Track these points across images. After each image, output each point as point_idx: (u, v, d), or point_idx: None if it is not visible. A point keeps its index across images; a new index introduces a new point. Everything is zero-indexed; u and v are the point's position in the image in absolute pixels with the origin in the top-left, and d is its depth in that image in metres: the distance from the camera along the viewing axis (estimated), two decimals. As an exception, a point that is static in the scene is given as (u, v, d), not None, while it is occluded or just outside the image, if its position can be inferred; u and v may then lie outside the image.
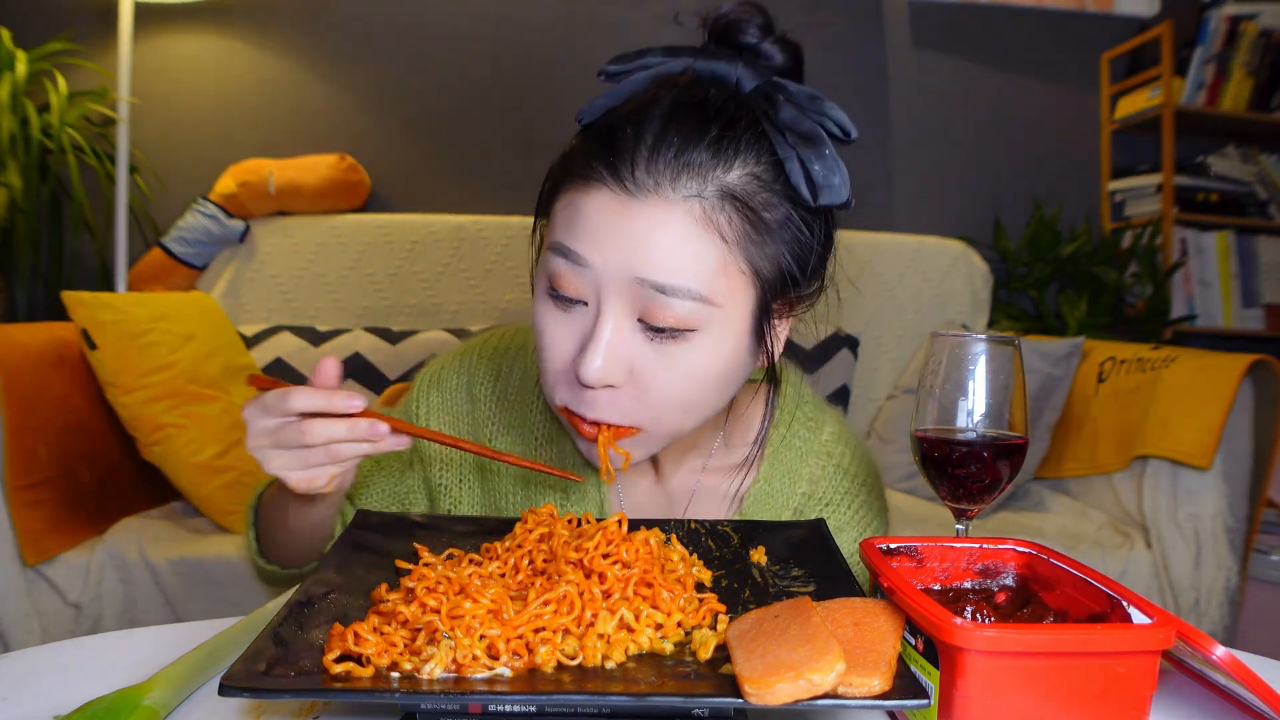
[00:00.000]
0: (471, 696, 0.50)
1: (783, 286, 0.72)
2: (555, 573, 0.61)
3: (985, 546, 0.66)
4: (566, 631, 0.56)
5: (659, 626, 0.58)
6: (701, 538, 0.75)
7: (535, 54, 2.60)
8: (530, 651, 0.54)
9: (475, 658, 0.53)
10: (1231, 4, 2.64)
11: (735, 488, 0.87)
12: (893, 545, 0.66)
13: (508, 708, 0.51)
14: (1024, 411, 0.69)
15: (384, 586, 0.60)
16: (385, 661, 0.52)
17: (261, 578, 0.94)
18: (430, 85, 2.60)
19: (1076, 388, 2.14)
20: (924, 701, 0.49)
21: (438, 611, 0.55)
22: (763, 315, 0.72)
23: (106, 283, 2.34)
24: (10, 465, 1.55)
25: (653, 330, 0.68)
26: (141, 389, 1.70)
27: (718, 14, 0.72)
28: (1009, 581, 0.66)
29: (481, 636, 0.54)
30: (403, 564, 0.64)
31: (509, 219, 2.43)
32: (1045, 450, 2.15)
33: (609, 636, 0.56)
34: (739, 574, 0.69)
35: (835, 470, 0.88)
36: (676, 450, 0.86)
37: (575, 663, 0.54)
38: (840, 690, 0.48)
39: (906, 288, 2.50)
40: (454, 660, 0.52)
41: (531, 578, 0.62)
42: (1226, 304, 2.73)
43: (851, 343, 2.33)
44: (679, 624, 0.59)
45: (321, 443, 0.66)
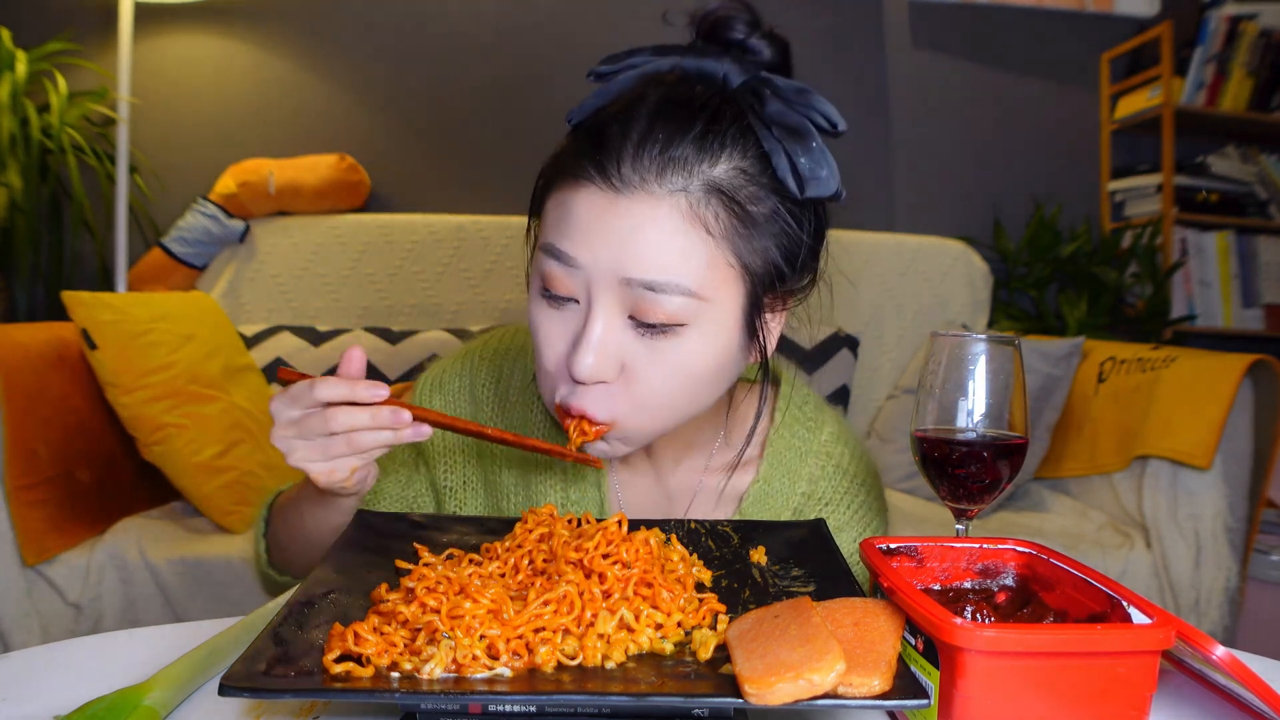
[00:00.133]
0: (471, 696, 0.50)
1: (772, 280, 0.72)
2: (555, 573, 0.61)
3: (985, 546, 0.66)
4: (566, 631, 0.56)
5: (659, 626, 0.58)
6: (701, 538, 0.75)
7: (535, 54, 2.60)
8: (530, 651, 0.54)
9: (475, 658, 0.53)
10: (1231, 4, 2.64)
11: (735, 487, 0.87)
12: (893, 545, 0.66)
13: (508, 708, 0.51)
14: (1024, 411, 0.69)
15: (384, 586, 0.60)
16: (385, 661, 0.52)
17: (268, 587, 0.94)
18: (430, 85, 2.60)
19: (1076, 388, 2.14)
20: (924, 701, 0.49)
21: (438, 611, 0.55)
22: (753, 310, 0.72)
23: (106, 283, 2.34)
24: (10, 465, 1.55)
25: (643, 326, 0.68)
26: (141, 389, 1.70)
27: (705, 12, 0.72)
28: (1009, 581, 0.66)
29: (481, 636, 0.54)
30: (403, 564, 0.64)
31: (509, 219, 2.43)
32: (1045, 450, 2.15)
33: (609, 636, 0.56)
34: (739, 574, 0.69)
35: (835, 470, 0.88)
36: (677, 450, 0.86)
37: (575, 663, 0.54)
38: (840, 690, 0.48)
39: (906, 288, 2.50)
40: (454, 660, 0.52)
41: (531, 578, 0.62)
42: (1226, 304, 2.73)
43: (851, 343, 2.33)
44: (679, 624, 0.59)
45: (343, 431, 0.67)
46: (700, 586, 0.66)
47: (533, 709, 0.51)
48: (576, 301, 0.70)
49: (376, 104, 2.58)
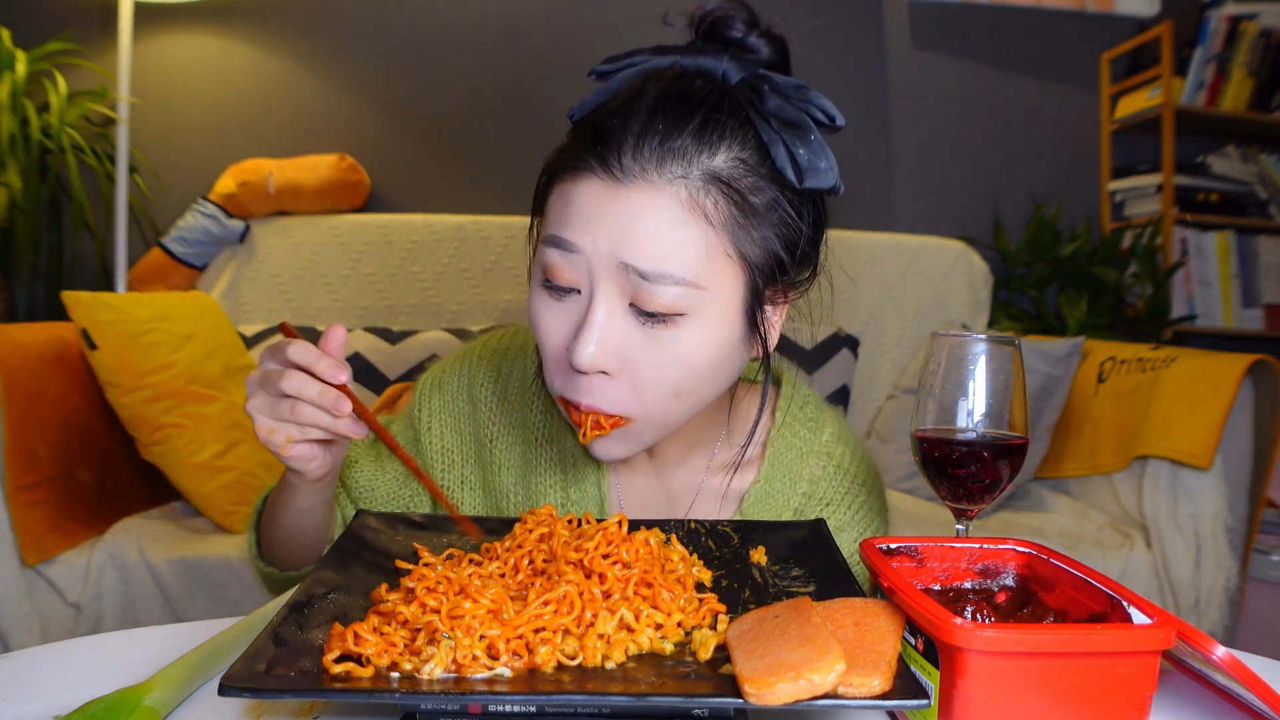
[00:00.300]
0: (471, 696, 0.50)
1: (773, 272, 0.72)
2: (555, 573, 0.61)
3: (985, 546, 0.66)
4: (566, 631, 0.56)
5: (659, 626, 0.58)
6: (701, 538, 0.75)
7: (535, 54, 2.60)
8: (530, 651, 0.54)
9: (475, 658, 0.53)
10: (1231, 4, 2.64)
11: (736, 488, 0.87)
12: (893, 545, 0.66)
13: (508, 708, 0.51)
14: (1024, 411, 0.69)
15: (384, 586, 0.60)
16: (385, 661, 0.52)
17: (261, 580, 0.94)
18: (430, 85, 2.60)
19: (1076, 388, 2.14)
20: (924, 701, 0.49)
21: (438, 611, 0.55)
22: (754, 302, 0.72)
23: (106, 283, 2.34)
24: (10, 465, 1.55)
25: (644, 315, 0.69)
26: (141, 389, 1.70)
27: (704, 11, 0.73)
28: (1009, 581, 0.66)
29: (481, 636, 0.54)
30: (403, 564, 0.64)
31: (509, 219, 2.43)
32: (1045, 450, 2.15)
33: (609, 636, 0.56)
34: (739, 574, 0.69)
35: (835, 470, 0.88)
36: (678, 449, 0.86)
37: (575, 663, 0.54)
38: (840, 690, 0.48)
39: (906, 288, 2.50)
40: (454, 660, 0.52)
41: (531, 578, 0.62)
42: (1226, 304, 2.73)
43: (851, 343, 2.33)
44: (679, 624, 0.59)
45: (291, 395, 0.68)
46: (700, 586, 0.66)
47: (533, 709, 0.51)
48: (578, 292, 0.70)
49: (376, 104, 2.58)
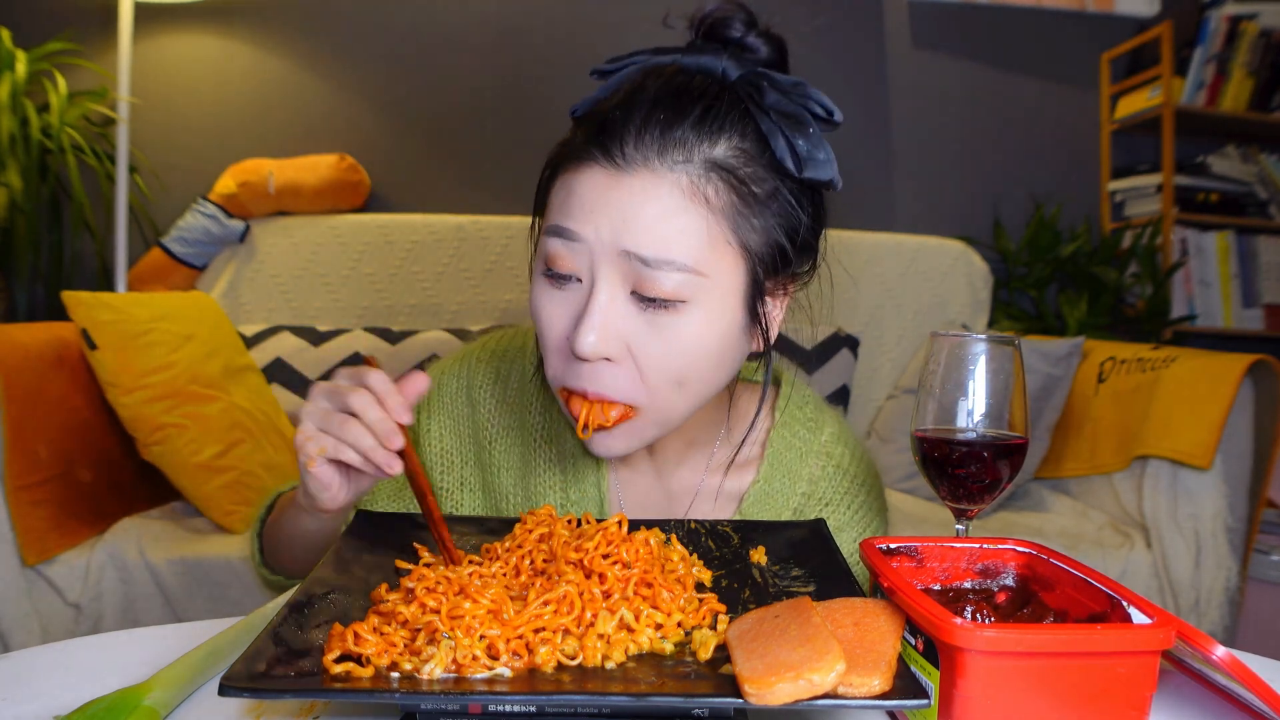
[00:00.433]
0: (471, 696, 0.50)
1: (773, 261, 0.73)
2: (555, 573, 0.61)
3: (985, 546, 0.66)
4: (566, 631, 0.56)
5: (659, 626, 0.58)
6: (701, 538, 0.75)
7: (535, 54, 2.60)
8: (530, 651, 0.54)
9: (475, 658, 0.53)
10: (1231, 4, 2.64)
11: (735, 487, 0.87)
12: (893, 545, 0.66)
13: (508, 708, 0.51)
14: (1024, 411, 0.69)
15: (384, 586, 0.60)
16: (385, 661, 0.52)
17: (263, 583, 0.94)
18: (430, 85, 2.60)
19: (1076, 388, 2.14)
20: (924, 701, 0.49)
21: (438, 612, 0.55)
22: (755, 291, 0.73)
23: (106, 283, 2.34)
24: (10, 465, 1.55)
25: (645, 301, 0.69)
26: (141, 389, 1.70)
27: (703, 12, 0.74)
28: (1009, 581, 0.66)
29: (481, 637, 0.54)
30: (403, 564, 0.64)
31: (509, 219, 2.43)
32: (1045, 450, 2.15)
33: (609, 636, 0.56)
34: (739, 574, 0.69)
35: (835, 470, 0.88)
36: (678, 449, 0.86)
37: (575, 663, 0.54)
38: (840, 690, 0.48)
39: (906, 288, 2.50)
40: (454, 660, 0.52)
41: (532, 578, 0.62)
42: (1226, 304, 2.73)
43: (851, 343, 2.33)
44: (679, 624, 0.59)
45: (354, 410, 0.66)
46: (700, 586, 0.66)
47: (533, 709, 0.51)
48: (579, 280, 0.71)
49: (376, 104, 2.58)
